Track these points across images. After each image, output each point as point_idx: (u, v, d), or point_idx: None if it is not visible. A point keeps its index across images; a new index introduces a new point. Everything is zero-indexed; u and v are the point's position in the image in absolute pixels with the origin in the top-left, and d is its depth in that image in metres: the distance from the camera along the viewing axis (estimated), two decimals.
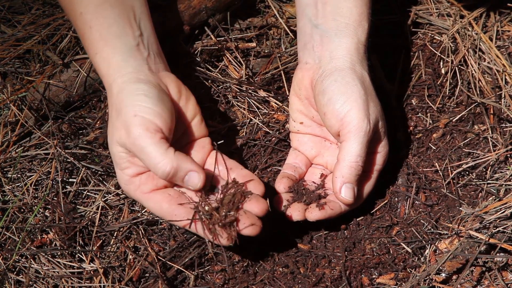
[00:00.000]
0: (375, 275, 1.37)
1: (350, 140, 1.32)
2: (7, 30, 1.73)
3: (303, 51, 1.43)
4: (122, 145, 1.27)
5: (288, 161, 1.47)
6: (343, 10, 1.38)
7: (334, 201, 1.36)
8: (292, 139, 1.49)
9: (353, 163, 1.32)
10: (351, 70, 1.35)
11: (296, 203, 1.37)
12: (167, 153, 1.24)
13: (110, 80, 1.31)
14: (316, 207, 1.33)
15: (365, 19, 1.39)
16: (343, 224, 1.43)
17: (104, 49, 1.33)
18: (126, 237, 1.44)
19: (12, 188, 1.50)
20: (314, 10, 1.41)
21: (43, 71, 1.63)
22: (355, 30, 1.38)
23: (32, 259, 1.40)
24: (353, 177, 1.33)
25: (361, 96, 1.32)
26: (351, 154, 1.32)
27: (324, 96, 1.35)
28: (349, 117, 1.31)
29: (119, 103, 1.28)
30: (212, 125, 1.61)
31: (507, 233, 1.28)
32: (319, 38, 1.39)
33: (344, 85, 1.33)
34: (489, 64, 1.60)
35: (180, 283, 1.39)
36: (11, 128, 1.58)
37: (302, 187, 1.40)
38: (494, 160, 1.46)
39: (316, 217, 1.33)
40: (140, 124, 1.24)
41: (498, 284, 1.27)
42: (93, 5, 1.34)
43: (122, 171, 1.31)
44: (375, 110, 1.35)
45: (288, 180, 1.41)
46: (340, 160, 1.33)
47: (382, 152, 1.39)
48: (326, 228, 1.44)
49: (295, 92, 1.45)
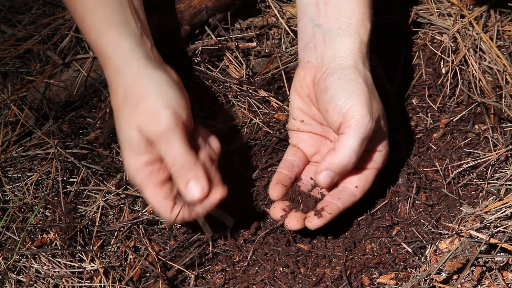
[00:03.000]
0: (375, 275, 1.37)
1: (349, 134, 1.31)
2: (7, 30, 1.74)
3: (304, 50, 1.43)
4: (143, 132, 1.25)
5: (286, 157, 1.46)
6: (345, 9, 1.38)
7: (331, 202, 1.35)
8: (291, 136, 1.49)
9: (345, 157, 1.31)
10: (354, 69, 1.35)
11: (294, 213, 1.36)
12: (191, 150, 1.26)
13: (121, 64, 1.30)
14: (314, 215, 1.33)
15: (367, 19, 1.39)
16: (344, 224, 1.43)
17: (110, 33, 1.32)
18: (126, 237, 1.44)
19: (12, 188, 1.50)
20: (316, 10, 1.41)
21: (44, 71, 1.63)
22: (358, 30, 1.37)
23: (32, 259, 1.40)
24: (339, 168, 1.32)
25: (365, 93, 1.32)
26: (346, 148, 1.31)
27: (327, 93, 1.34)
28: (352, 112, 1.30)
29: (140, 89, 1.27)
30: (212, 124, 1.61)
31: (508, 233, 1.28)
32: (321, 37, 1.39)
33: (348, 82, 1.33)
34: (490, 64, 1.60)
35: (181, 283, 1.39)
36: (11, 128, 1.58)
37: (298, 193, 1.39)
38: (495, 160, 1.46)
39: (316, 225, 1.33)
40: (170, 117, 1.24)
41: (499, 284, 1.27)
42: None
43: (136, 157, 1.28)
44: (378, 109, 1.34)
45: (281, 187, 1.40)
46: (334, 149, 1.32)
47: (383, 151, 1.39)
48: (326, 228, 1.43)
49: (296, 90, 1.45)
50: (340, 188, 1.38)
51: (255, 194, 1.50)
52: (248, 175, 1.53)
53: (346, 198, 1.37)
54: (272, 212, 1.38)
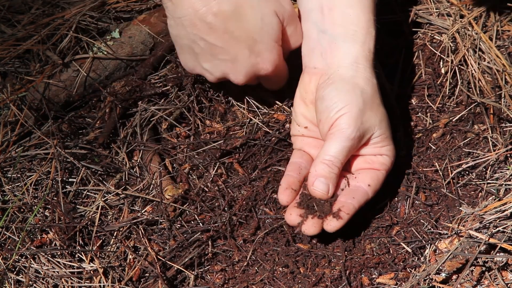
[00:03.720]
0: (375, 275, 1.37)
1: (330, 140, 1.34)
2: (7, 30, 1.74)
3: (309, 56, 1.43)
4: (280, 14, 1.41)
5: (293, 160, 1.45)
6: (351, 16, 1.38)
7: (347, 202, 1.35)
8: (295, 142, 1.48)
9: (326, 160, 1.33)
10: (353, 79, 1.35)
11: (310, 219, 1.34)
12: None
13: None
14: (333, 217, 1.32)
15: (372, 26, 1.39)
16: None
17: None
18: (126, 237, 1.44)
19: (12, 188, 1.50)
20: (320, 16, 1.40)
21: (43, 71, 1.63)
22: (364, 37, 1.37)
23: (32, 259, 1.40)
24: (326, 173, 1.34)
25: (358, 105, 1.33)
26: (326, 153, 1.34)
27: (322, 103, 1.35)
28: (337, 121, 1.33)
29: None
30: (212, 125, 1.61)
31: (507, 233, 1.28)
32: (327, 44, 1.39)
33: (344, 93, 1.34)
34: (489, 64, 1.60)
35: (180, 283, 1.39)
36: (11, 128, 1.58)
37: (309, 198, 1.37)
38: (494, 160, 1.46)
39: (335, 227, 1.32)
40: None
41: (498, 284, 1.27)
42: None
43: (277, 42, 1.43)
44: (374, 120, 1.35)
45: (291, 192, 1.38)
46: (317, 156, 1.35)
47: (390, 155, 1.40)
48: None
49: (301, 96, 1.44)
50: (353, 187, 1.38)
51: (254, 194, 1.49)
52: (248, 175, 1.53)
53: (360, 196, 1.36)
54: (288, 219, 1.36)
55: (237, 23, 1.38)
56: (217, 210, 1.46)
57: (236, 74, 1.46)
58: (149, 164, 1.54)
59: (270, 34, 1.41)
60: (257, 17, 1.39)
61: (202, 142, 1.57)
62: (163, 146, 1.57)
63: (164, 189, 1.49)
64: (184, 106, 1.61)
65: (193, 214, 1.46)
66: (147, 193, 1.50)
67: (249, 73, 1.46)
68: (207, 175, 1.53)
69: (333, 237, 1.42)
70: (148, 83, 1.65)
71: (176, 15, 1.39)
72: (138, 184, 1.52)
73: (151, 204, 1.48)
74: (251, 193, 1.49)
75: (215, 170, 1.53)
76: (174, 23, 1.41)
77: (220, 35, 1.39)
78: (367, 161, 1.40)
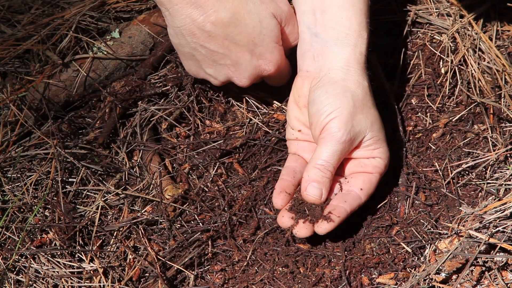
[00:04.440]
0: (375, 274, 1.37)
1: (322, 145, 1.34)
2: (6, 30, 1.74)
3: (302, 58, 1.43)
4: (277, 16, 1.42)
5: (288, 164, 1.46)
6: (342, 19, 1.38)
7: (338, 205, 1.35)
8: (289, 146, 1.49)
9: (318, 165, 1.34)
10: (343, 82, 1.36)
11: (302, 223, 1.35)
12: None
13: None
14: (324, 220, 1.33)
15: (364, 29, 1.39)
16: (343, 224, 1.43)
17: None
18: (126, 237, 1.44)
19: (12, 188, 1.50)
20: (312, 18, 1.41)
21: (43, 71, 1.63)
22: (356, 40, 1.38)
23: (32, 259, 1.40)
24: (319, 177, 1.34)
25: (348, 108, 1.34)
26: (318, 158, 1.34)
27: (313, 106, 1.36)
28: (328, 125, 1.34)
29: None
30: (212, 125, 1.61)
31: (507, 232, 1.28)
32: (319, 47, 1.39)
33: (334, 96, 1.34)
34: (489, 64, 1.60)
35: (180, 283, 1.39)
36: (10, 128, 1.58)
37: (301, 202, 1.38)
38: (494, 160, 1.46)
39: (325, 230, 1.33)
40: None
41: (498, 283, 1.27)
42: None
43: (278, 43, 1.43)
44: (365, 122, 1.35)
45: (285, 195, 1.39)
46: (309, 162, 1.36)
47: (383, 158, 1.40)
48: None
49: (294, 99, 1.45)
50: (345, 192, 1.38)
51: (254, 194, 1.50)
52: (248, 175, 1.53)
53: (352, 200, 1.37)
54: (280, 222, 1.37)
55: (236, 28, 1.38)
56: (217, 210, 1.46)
57: (240, 78, 1.47)
58: (149, 164, 1.54)
59: (269, 36, 1.42)
60: (255, 21, 1.40)
61: (202, 142, 1.57)
62: (163, 146, 1.57)
63: (164, 189, 1.49)
64: (184, 106, 1.61)
65: (193, 214, 1.46)
66: (147, 193, 1.50)
67: (253, 75, 1.47)
68: (207, 175, 1.53)
69: (333, 237, 1.42)
70: (148, 83, 1.65)
71: (175, 25, 1.39)
72: (138, 184, 1.52)
73: (151, 204, 1.48)
74: (251, 193, 1.49)
75: (215, 170, 1.53)
76: (173, 32, 1.42)
77: (220, 41, 1.40)
78: (360, 164, 1.40)
